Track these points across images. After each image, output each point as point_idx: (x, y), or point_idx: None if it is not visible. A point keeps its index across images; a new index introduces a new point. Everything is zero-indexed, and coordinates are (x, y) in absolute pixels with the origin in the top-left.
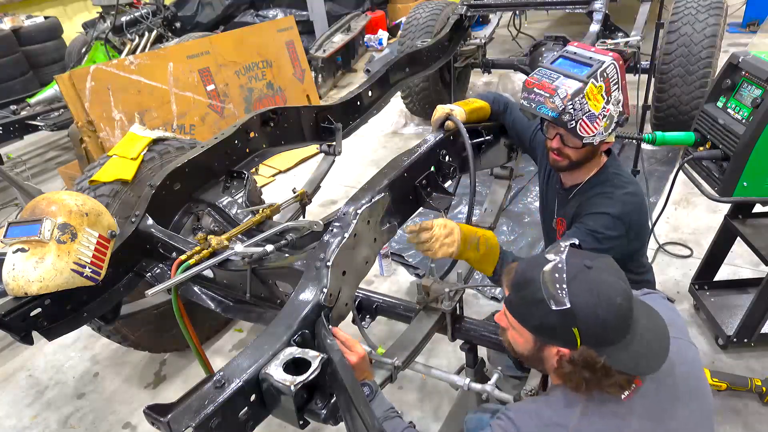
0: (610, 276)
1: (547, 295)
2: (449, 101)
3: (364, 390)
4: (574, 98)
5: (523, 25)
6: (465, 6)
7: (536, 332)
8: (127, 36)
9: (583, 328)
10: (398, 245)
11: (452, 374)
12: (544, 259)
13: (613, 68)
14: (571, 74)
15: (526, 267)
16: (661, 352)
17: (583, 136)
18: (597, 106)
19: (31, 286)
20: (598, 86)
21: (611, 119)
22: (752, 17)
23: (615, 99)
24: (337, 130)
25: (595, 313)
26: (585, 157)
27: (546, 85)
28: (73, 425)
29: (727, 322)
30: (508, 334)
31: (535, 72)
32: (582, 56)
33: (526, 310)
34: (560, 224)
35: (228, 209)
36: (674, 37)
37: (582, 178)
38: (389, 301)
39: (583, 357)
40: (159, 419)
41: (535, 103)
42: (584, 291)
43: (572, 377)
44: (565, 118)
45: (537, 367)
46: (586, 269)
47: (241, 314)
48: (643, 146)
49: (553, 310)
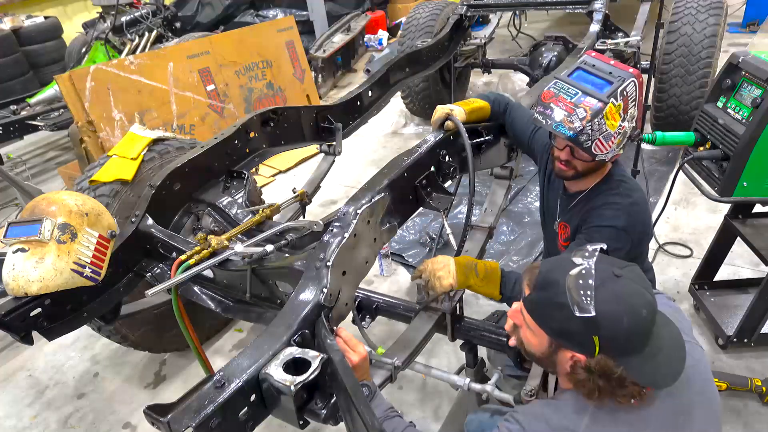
0: (638, 286)
1: (572, 300)
2: (449, 101)
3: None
4: (594, 119)
5: (523, 25)
6: (465, 6)
7: (553, 335)
8: (127, 36)
9: (605, 337)
10: (398, 245)
11: (452, 374)
12: (571, 262)
13: (633, 86)
14: (590, 92)
15: (551, 267)
16: (678, 366)
17: (597, 155)
18: (614, 125)
19: (31, 286)
20: (617, 105)
21: (624, 135)
22: (752, 17)
23: (630, 116)
24: (337, 130)
25: (620, 323)
26: (591, 169)
27: (563, 101)
28: (73, 425)
29: (727, 322)
30: (521, 332)
31: (552, 85)
32: (601, 70)
33: (546, 311)
34: (562, 228)
35: (228, 209)
36: (674, 37)
37: (587, 185)
38: (389, 301)
39: (600, 365)
40: (159, 419)
41: (551, 120)
42: (611, 300)
43: (585, 384)
44: (582, 138)
45: (547, 368)
46: (615, 278)
47: (241, 314)
48: (643, 146)
49: (575, 316)
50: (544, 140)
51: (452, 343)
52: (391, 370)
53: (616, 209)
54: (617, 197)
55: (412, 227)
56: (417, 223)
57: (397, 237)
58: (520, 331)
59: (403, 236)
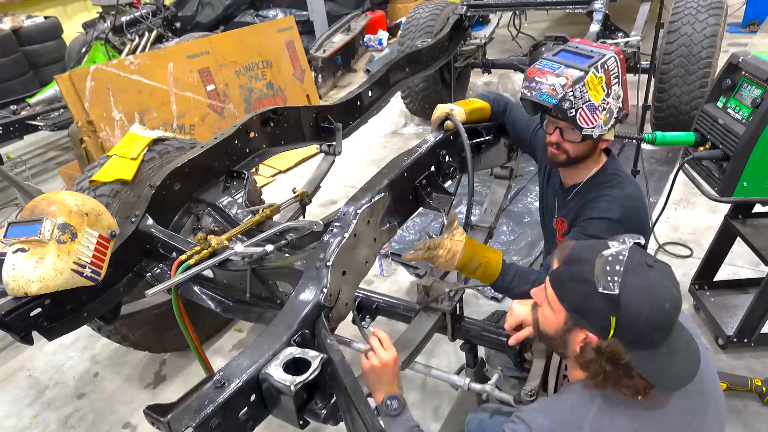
0: (667, 282)
1: (597, 277)
2: (449, 101)
3: (392, 404)
4: (575, 85)
5: (523, 25)
6: (465, 6)
7: (573, 311)
8: (127, 36)
9: (622, 321)
10: (398, 245)
11: (452, 374)
12: (606, 245)
13: (614, 61)
14: (572, 64)
15: (585, 246)
16: (690, 372)
17: (583, 127)
18: (597, 97)
19: (31, 286)
20: (599, 77)
21: (611, 113)
22: (752, 17)
23: (615, 93)
24: (337, 130)
25: (641, 310)
26: (583, 153)
27: (547, 73)
28: (73, 425)
29: (727, 322)
30: (539, 311)
31: (537, 63)
32: (584, 49)
33: (571, 285)
34: (560, 224)
35: (228, 209)
36: (674, 37)
37: (581, 177)
38: (389, 301)
39: (610, 348)
40: (159, 419)
41: (536, 91)
42: (637, 285)
43: (592, 366)
44: (565, 105)
45: (558, 349)
46: (647, 266)
47: (241, 314)
48: (643, 146)
49: (598, 292)
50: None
51: (452, 343)
52: None
53: (610, 201)
54: (611, 189)
55: (412, 227)
56: (417, 223)
57: (397, 237)
58: (539, 310)
59: (403, 236)
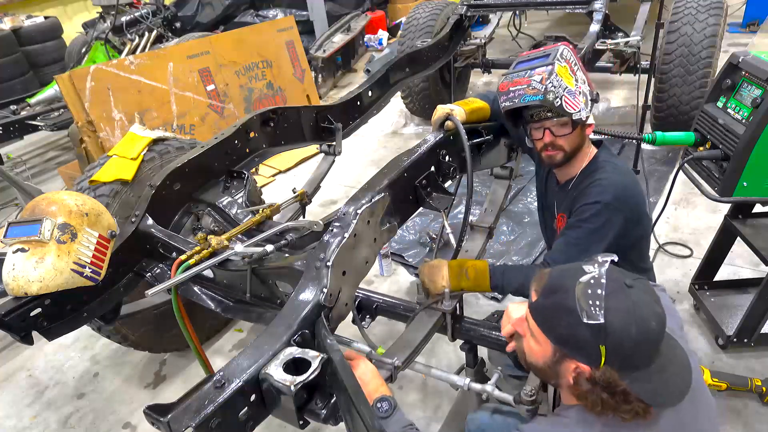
0: (649, 298)
1: (580, 306)
2: (449, 101)
3: (383, 405)
4: (550, 77)
5: (523, 25)
6: (465, 6)
7: (559, 343)
8: (127, 36)
9: (612, 348)
10: (398, 245)
11: (452, 374)
12: (582, 270)
13: (567, 51)
14: (535, 65)
15: (561, 274)
16: (684, 386)
17: (572, 112)
18: (570, 83)
19: (31, 286)
20: (563, 66)
21: (586, 96)
22: (752, 17)
23: (581, 77)
24: (337, 130)
25: (628, 334)
26: (578, 144)
27: (519, 80)
28: (73, 425)
29: (727, 322)
30: (525, 342)
31: (503, 79)
32: (534, 54)
33: (554, 317)
34: (561, 221)
35: (228, 209)
36: (674, 37)
37: (575, 171)
38: (389, 301)
39: (605, 377)
40: (159, 419)
41: (517, 98)
42: (620, 309)
43: (589, 396)
44: (549, 97)
45: (549, 380)
46: (626, 287)
47: (241, 314)
48: (643, 146)
49: (583, 322)
50: None
51: (452, 343)
52: (391, 370)
53: (602, 185)
54: (602, 174)
55: (412, 227)
56: (417, 223)
57: (397, 237)
58: (523, 341)
59: (403, 236)
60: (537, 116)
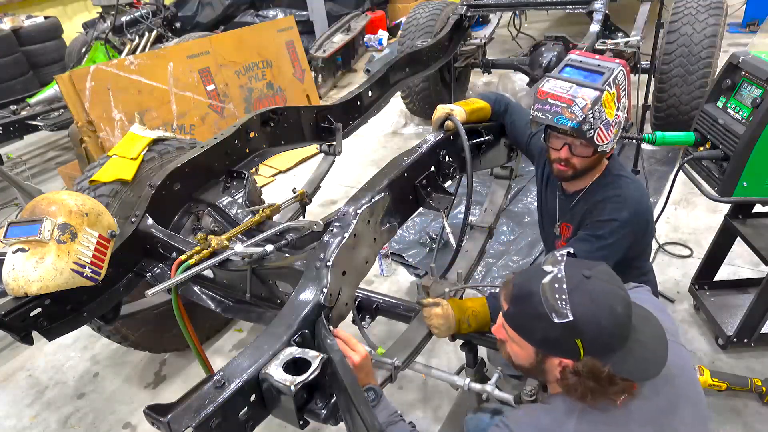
0: (609, 284)
1: (549, 308)
2: (449, 101)
3: (369, 395)
4: (594, 107)
5: (523, 25)
6: (465, 6)
7: (538, 345)
8: (127, 36)
9: (587, 339)
10: (398, 245)
11: (452, 374)
12: (542, 270)
13: (623, 75)
14: (584, 83)
15: (524, 280)
16: (661, 355)
17: (599, 145)
18: (611, 114)
19: (31, 286)
20: (612, 93)
21: (620, 126)
22: (752, 17)
23: (623, 105)
24: (337, 130)
25: (597, 323)
26: (591, 165)
27: (560, 94)
28: (73, 425)
29: (727, 322)
30: (507, 346)
31: (545, 82)
32: (590, 64)
33: (528, 323)
34: (565, 229)
35: (228, 209)
36: (674, 37)
37: (585, 183)
38: (389, 301)
39: (588, 367)
40: (159, 419)
41: (552, 114)
42: (585, 301)
43: (577, 387)
44: (585, 127)
45: (538, 378)
46: (585, 279)
47: (241, 314)
48: (643, 146)
49: (555, 323)
50: (541, 143)
51: (452, 343)
52: (391, 370)
53: (618, 203)
54: (618, 190)
55: (412, 227)
56: (417, 223)
57: (397, 237)
58: (506, 345)
59: (403, 236)
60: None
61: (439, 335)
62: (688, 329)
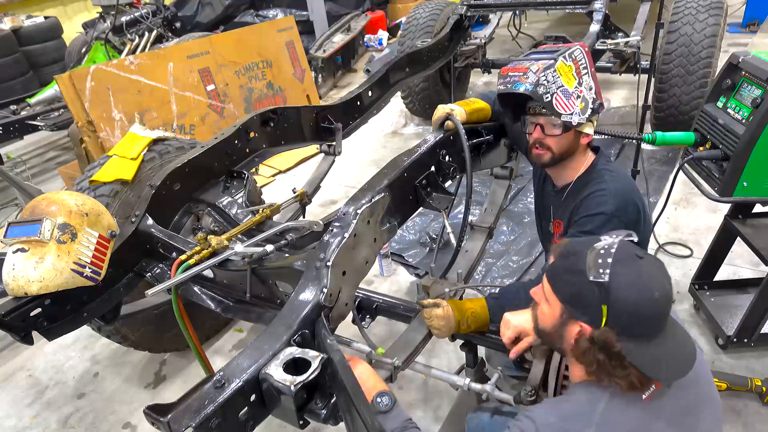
0: (658, 271)
1: (588, 266)
2: (449, 101)
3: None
4: (546, 71)
5: (523, 25)
6: (465, 6)
7: (567, 302)
8: (127, 36)
9: (613, 309)
10: (398, 245)
11: (452, 374)
12: (597, 239)
13: (580, 52)
14: (541, 57)
15: (579, 241)
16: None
17: (561, 112)
18: (570, 83)
19: (31, 286)
20: (568, 65)
21: (586, 102)
22: (752, 17)
23: (587, 83)
24: (337, 130)
25: (630, 298)
26: (567, 148)
27: (519, 68)
28: (73, 425)
29: (727, 322)
30: (538, 309)
31: (509, 64)
32: (548, 48)
33: (564, 276)
34: (557, 227)
35: (228, 209)
36: (674, 37)
37: (571, 176)
38: (389, 301)
39: (602, 337)
40: (159, 419)
41: (510, 84)
42: (626, 273)
43: (587, 356)
44: (539, 90)
45: (555, 344)
46: (637, 258)
47: (241, 314)
48: (643, 146)
49: (589, 281)
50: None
51: (452, 343)
52: (391, 370)
53: (603, 195)
54: (602, 184)
55: (412, 227)
56: (417, 223)
57: (397, 237)
58: (537, 308)
59: (403, 236)
60: (532, 110)
61: (440, 336)
62: (688, 329)
